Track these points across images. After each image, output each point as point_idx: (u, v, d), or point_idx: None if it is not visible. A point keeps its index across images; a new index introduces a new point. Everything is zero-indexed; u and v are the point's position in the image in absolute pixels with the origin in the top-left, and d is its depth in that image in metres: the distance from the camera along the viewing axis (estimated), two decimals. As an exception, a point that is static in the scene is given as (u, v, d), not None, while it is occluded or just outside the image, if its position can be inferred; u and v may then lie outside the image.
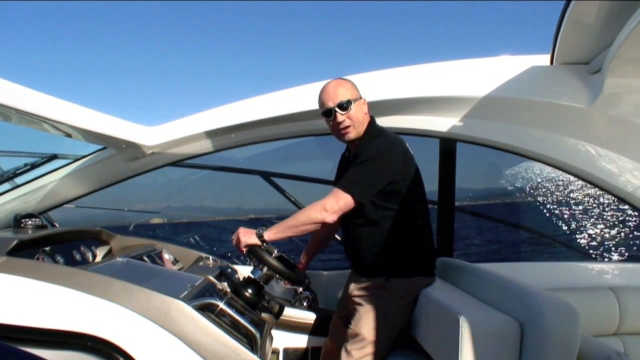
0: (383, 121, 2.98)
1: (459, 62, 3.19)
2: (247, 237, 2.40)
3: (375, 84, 3.10)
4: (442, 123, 3.16)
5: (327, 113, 2.48)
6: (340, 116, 2.45)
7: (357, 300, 2.51)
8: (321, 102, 2.52)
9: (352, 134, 2.49)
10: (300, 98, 3.16)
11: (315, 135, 3.46)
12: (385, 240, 2.44)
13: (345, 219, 2.52)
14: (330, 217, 2.32)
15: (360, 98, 2.52)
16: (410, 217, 2.47)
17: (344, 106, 2.44)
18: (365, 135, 2.51)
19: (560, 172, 3.23)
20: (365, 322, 2.40)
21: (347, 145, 2.68)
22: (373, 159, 2.35)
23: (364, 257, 2.51)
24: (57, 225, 3.57)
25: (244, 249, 2.41)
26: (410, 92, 3.12)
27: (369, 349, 2.36)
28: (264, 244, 2.41)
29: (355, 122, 2.47)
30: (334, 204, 2.31)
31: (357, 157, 2.41)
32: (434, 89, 3.13)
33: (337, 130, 2.51)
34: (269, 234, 2.39)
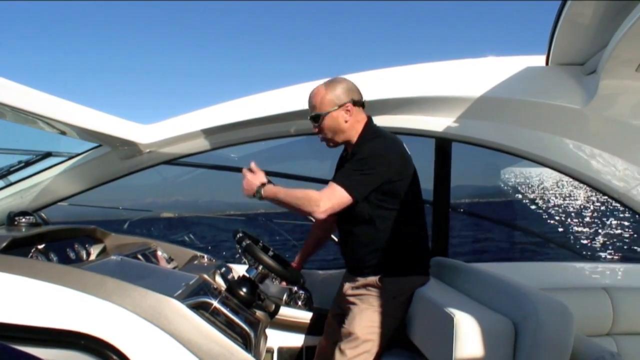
0: (378, 120, 2.98)
1: (455, 62, 3.20)
2: (248, 187, 2.44)
3: (371, 84, 3.09)
4: (437, 123, 3.16)
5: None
6: (315, 128, 2.50)
7: (352, 299, 2.51)
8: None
9: (331, 143, 2.53)
10: (296, 97, 3.15)
11: (310, 134, 3.45)
12: (381, 239, 2.44)
13: (342, 217, 2.52)
14: (320, 215, 2.31)
15: (342, 105, 2.46)
16: (407, 216, 2.47)
17: (314, 118, 2.48)
18: (363, 135, 2.50)
19: (556, 172, 3.24)
20: (359, 322, 2.40)
21: (345, 146, 2.68)
22: (370, 157, 2.35)
23: (359, 256, 2.51)
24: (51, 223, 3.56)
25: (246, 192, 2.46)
26: (406, 92, 3.12)
27: (363, 348, 2.36)
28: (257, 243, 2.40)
29: (330, 132, 2.49)
30: (327, 202, 2.29)
31: (354, 155, 2.41)
32: (430, 88, 3.13)
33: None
34: (265, 195, 2.41)
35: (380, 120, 2.78)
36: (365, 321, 2.40)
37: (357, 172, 2.34)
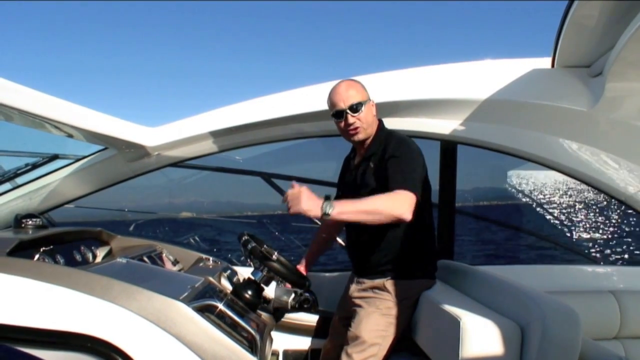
0: (384, 123, 2.97)
1: (460, 65, 3.19)
2: (311, 204, 2.12)
3: (377, 86, 3.09)
4: (443, 125, 3.16)
5: (338, 114, 2.47)
6: (352, 118, 2.43)
7: (358, 302, 2.51)
8: (332, 102, 2.50)
9: (362, 134, 2.49)
10: (303, 99, 3.16)
11: (316, 136, 3.46)
12: (391, 241, 2.45)
13: None
14: (408, 217, 2.21)
15: (370, 100, 2.51)
16: (418, 218, 2.46)
17: (355, 108, 2.43)
18: (378, 136, 2.52)
19: (562, 175, 3.23)
20: (366, 325, 2.40)
21: (353, 148, 2.67)
22: (412, 154, 2.37)
23: (368, 258, 2.51)
24: (58, 225, 3.56)
25: (296, 212, 2.14)
26: (412, 95, 3.12)
27: (370, 352, 2.36)
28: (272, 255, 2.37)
29: (365, 123, 2.46)
30: (411, 204, 2.22)
31: (389, 156, 2.37)
32: (436, 91, 3.12)
33: (347, 131, 2.49)
34: (337, 212, 2.13)
35: (385, 123, 2.77)
36: (372, 324, 2.40)
37: (411, 170, 2.32)
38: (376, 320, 2.41)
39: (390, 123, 3.10)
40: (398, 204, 2.20)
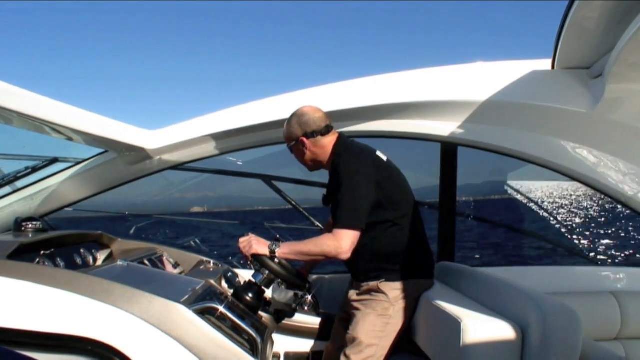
0: (384, 125, 2.97)
1: (461, 67, 3.19)
2: (260, 247, 2.36)
3: (377, 88, 3.10)
4: (443, 127, 3.15)
5: None
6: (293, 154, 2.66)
7: (355, 304, 2.52)
8: None
9: (309, 168, 2.67)
10: (303, 102, 3.15)
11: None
12: (378, 245, 2.45)
13: None
14: (346, 255, 2.30)
15: (297, 140, 2.56)
16: (400, 220, 2.46)
17: (289, 148, 2.62)
18: (331, 158, 2.55)
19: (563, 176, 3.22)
20: (363, 326, 2.41)
21: None
22: (351, 185, 2.34)
23: (359, 264, 2.51)
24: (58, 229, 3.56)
25: (250, 256, 2.38)
26: (412, 97, 3.12)
27: (368, 353, 2.36)
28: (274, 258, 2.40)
29: (301, 161, 2.63)
30: (348, 241, 2.29)
31: (333, 184, 2.46)
32: (437, 93, 3.12)
33: None
34: (281, 252, 2.36)
35: (385, 125, 2.77)
36: (369, 325, 2.40)
37: (351, 202, 2.33)
38: (372, 321, 2.41)
39: (391, 125, 3.11)
40: (331, 248, 2.30)
